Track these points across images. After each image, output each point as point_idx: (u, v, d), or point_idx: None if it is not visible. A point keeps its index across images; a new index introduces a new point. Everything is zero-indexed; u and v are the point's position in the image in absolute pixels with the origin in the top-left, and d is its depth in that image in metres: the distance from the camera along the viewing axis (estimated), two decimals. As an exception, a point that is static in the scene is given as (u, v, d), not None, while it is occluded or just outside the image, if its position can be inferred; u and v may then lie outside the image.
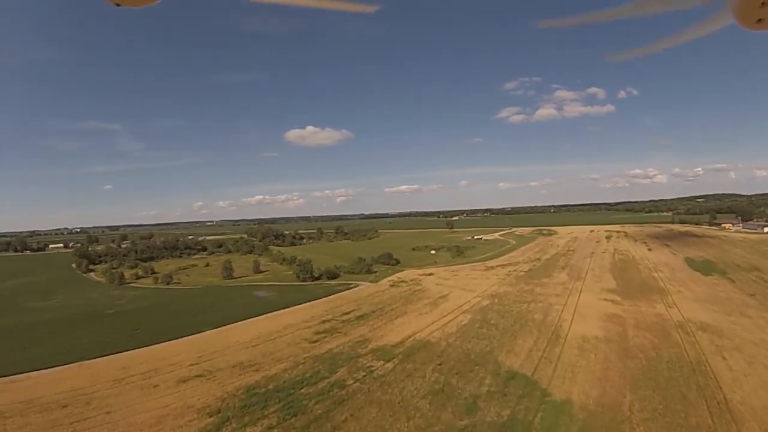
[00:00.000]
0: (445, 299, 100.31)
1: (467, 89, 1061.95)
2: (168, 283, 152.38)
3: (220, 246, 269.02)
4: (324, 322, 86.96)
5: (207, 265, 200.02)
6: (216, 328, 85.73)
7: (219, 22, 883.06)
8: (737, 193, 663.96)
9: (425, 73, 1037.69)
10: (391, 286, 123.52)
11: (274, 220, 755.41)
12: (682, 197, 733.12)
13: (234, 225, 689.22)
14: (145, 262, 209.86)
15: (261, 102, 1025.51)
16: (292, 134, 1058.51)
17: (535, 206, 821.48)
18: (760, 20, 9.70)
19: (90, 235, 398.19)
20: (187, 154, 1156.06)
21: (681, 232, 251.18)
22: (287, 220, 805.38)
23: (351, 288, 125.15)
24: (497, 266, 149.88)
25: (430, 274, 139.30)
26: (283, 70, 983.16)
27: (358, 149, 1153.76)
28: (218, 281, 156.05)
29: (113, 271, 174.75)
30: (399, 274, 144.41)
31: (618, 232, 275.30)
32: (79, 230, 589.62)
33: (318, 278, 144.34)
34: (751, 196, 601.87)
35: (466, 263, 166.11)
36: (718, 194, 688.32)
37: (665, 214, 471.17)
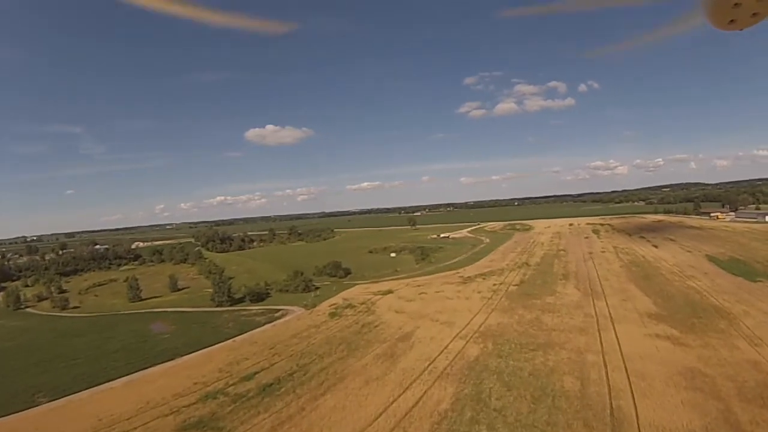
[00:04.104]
0: (408, 343, 64.79)
1: (427, 85, 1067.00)
2: (63, 308, 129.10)
3: (156, 253, 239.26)
4: (206, 398, 51.94)
5: (126, 280, 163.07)
6: (56, 399, 56.64)
7: (177, 21, 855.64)
8: (700, 182, 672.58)
9: (384, 70, 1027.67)
10: (332, 314, 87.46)
11: (232, 221, 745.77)
12: (646, 187, 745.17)
13: (191, 227, 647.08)
14: (68, 275, 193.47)
15: (221, 101, 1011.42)
16: (252, 133, 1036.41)
17: (498, 200, 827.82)
18: (732, 21, 10.42)
19: (30, 245, 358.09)
20: (149, 156, 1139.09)
21: (673, 223, 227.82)
22: (247, 220, 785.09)
23: (276, 319, 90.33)
24: (477, 276, 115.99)
25: (388, 292, 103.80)
26: (242, 70, 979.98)
27: (319, 147, 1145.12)
28: (123, 304, 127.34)
29: (24, 289, 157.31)
30: (346, 293, 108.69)
31: (602, 225, 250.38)
32: (35, 238, 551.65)
33: (240, 300, 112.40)
34: (715, 184, 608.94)
35: (435, 272, 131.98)
36: (682, 183, 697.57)
37: (638, 204, 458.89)
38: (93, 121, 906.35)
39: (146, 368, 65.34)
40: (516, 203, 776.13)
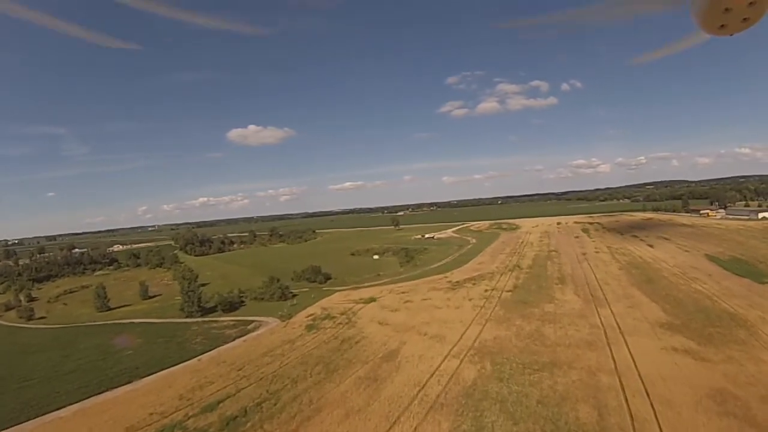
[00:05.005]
0: (393, 363, 57.62)
1: (409, 85, 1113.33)
2: (29, 319, 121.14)
3: (132, 257, 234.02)
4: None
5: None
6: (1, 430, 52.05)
7: (158, 21, 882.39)
8: (683, 179, 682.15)
9: (367, 70, 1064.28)
10: (309, 327, 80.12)
11: (215, 223, 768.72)
12: (629, 185, 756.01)
13: (172, 229, 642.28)
14: (41, 282, 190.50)
15: (203, 102, 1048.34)
16: (234, 134, 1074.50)
17: (481, 198, 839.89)
18: (723, 26, 10.81)
19: (8, 249, 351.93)
20: (132, 157, 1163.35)
21: (663, 221, 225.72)
22: (229, 221, 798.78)
23: (247, 332, 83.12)
24: (466, 281, 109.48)
25: (371, 300, 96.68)
26: (223, 69, 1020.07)
27: (301, 147, 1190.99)
28: (90, 314, 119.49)
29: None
30: (325, 301, 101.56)
31: (591, 223, 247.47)
32: (17, 242, 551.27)
33: (211, 310, 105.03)
34: (698, 181, 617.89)
35: (420, 276, 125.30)
36: (665, 181, 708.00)
37: (623, 201, 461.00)
38: (75, 123, 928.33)
39: (101, 392, 58.92)
40: (499, 202, 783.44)
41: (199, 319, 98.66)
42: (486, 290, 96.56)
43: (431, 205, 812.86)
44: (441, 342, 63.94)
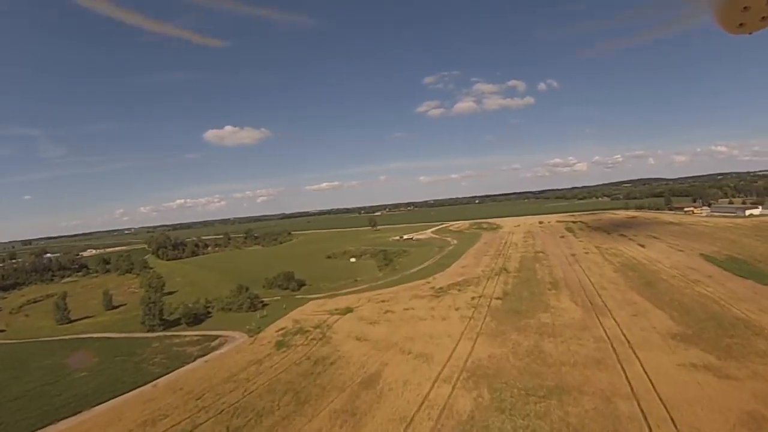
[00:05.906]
0: (374, 391, 50.28)
1: (386, 85, 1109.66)
2: None
3: (102, 263, 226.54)
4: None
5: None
6: None
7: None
8: (660, 177, 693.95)
9: (343, 70, 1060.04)
10: (279, 344, 72.63)
11: (191, 225, 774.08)
12: (605, 183, 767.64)
13: (149, 232, 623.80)
14: (8, 290, 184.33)
15: (179, 102, 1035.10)
16: (211, 134, 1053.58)
17: (458, 198, 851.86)
18: (741, 24, 10.61)
19: None
20: (108, 159, 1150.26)
21: (648, 219, 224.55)
22: (206, 223, 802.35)
23: (211, 350, 76.08)
24: (451, 287, 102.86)
25: (347, 311, 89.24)
26: (199, 70, 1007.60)
27: (278, 148, 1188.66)
28: (51, 327, 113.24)
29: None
30: (298, 312, 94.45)
31: (574, 222, 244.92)
32: None
33: (175, 323, 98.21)
34: (675, 179, 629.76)
35: (401, 281, 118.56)
36: (642, 179, 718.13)
37: (602, 200, 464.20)
38: (51, 124, 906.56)
39: (44, 427, 52.37)
40: (477, 201, 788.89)
41: (161, 334, 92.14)
42: (473, 297, 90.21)
43: (408, 205, 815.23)
44: (428, 362, 56.99)
